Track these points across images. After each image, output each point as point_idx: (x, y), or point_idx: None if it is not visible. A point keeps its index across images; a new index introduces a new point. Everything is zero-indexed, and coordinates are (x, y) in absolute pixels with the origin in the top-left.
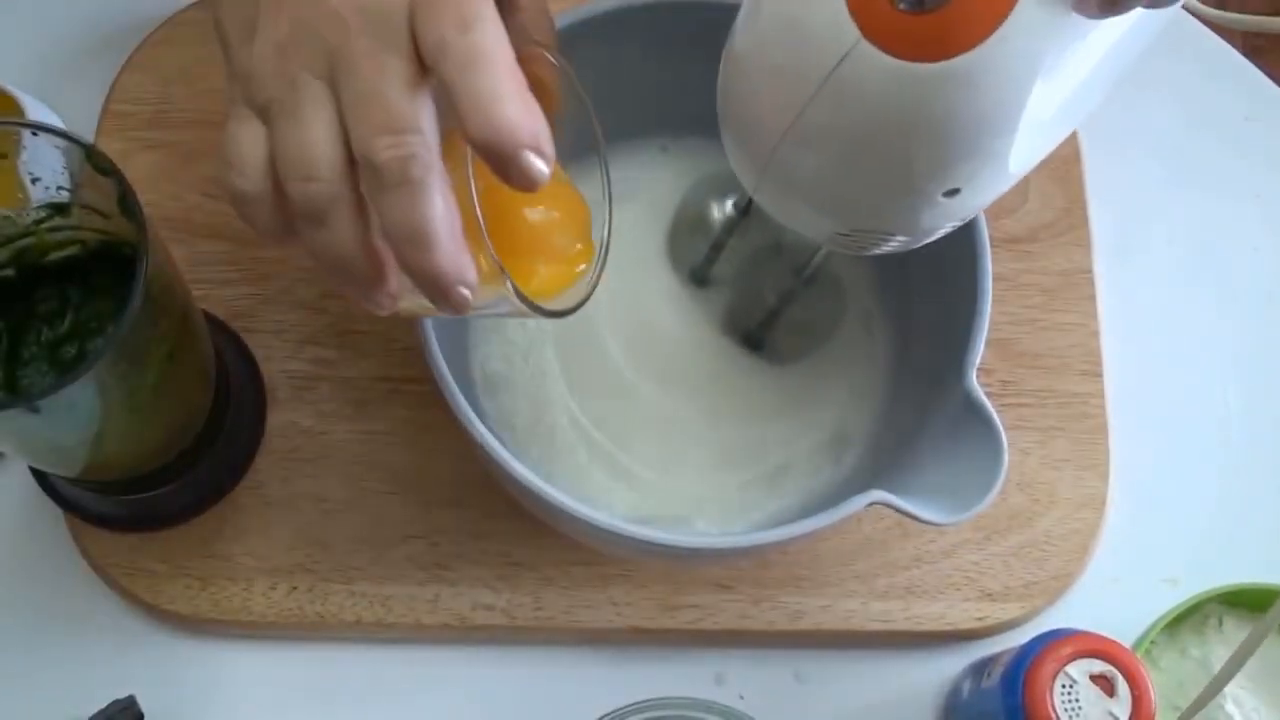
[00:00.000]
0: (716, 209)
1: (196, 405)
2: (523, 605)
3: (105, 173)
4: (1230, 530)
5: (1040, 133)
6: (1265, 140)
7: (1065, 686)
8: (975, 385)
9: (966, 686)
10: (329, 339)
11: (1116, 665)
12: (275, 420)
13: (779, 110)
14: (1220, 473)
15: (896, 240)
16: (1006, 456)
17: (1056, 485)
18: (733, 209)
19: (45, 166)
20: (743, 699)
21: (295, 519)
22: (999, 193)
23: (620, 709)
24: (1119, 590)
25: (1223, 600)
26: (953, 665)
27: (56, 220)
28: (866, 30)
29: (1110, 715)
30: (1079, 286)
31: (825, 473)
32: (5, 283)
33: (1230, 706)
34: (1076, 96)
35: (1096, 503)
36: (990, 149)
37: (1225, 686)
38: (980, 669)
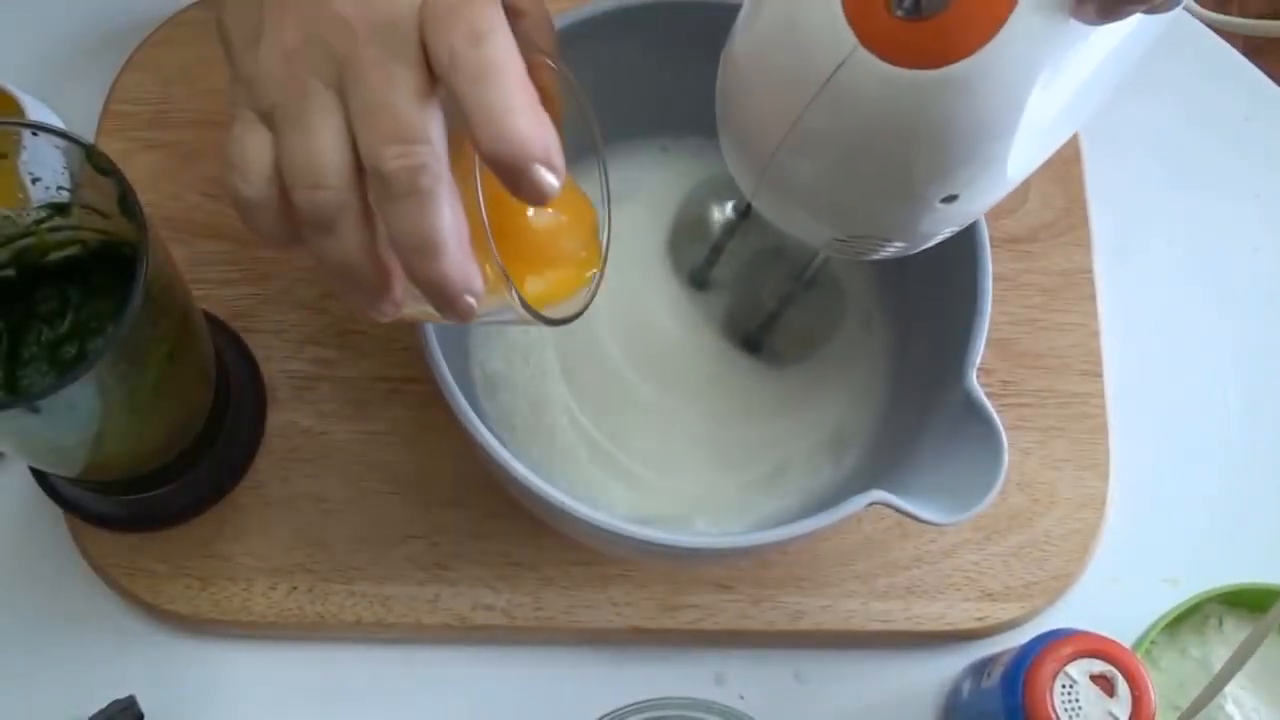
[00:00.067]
0: (717, 212)
1: (196, 405)
2: (523, 605)
3: (105, 173)
4: (1230, 530)
5: (1038, 139)
6: (1265, 140)
7: (1065, 686)
8: (975, 385)
9: (966, 686)
10: (329, 339)
11: (1117, 665)
12: (275, 420)
13: (776, 116)
14: (1220, 473)
15: (894, 246)
16: (1006, 456)
17: (1056, 485)
18: (733, 212)
19: (45, 166)
20: (743, 699)
21: (295, 519)
22: (997, 198)
23: (620, 709)
24: (1119, 590)
25: (1223, 600)
26: (953, 665)
27: (57, 220)
28: (864, 37)
29: (1110, 715)
30: (1079, 286)
31: (825, 473)
32: (5, 283)
33: (1230, 706)
34: (1075, 102)
35: (1096, 503)
36: (988, 155)
37: (1225, 686)
38: (980, 669)
